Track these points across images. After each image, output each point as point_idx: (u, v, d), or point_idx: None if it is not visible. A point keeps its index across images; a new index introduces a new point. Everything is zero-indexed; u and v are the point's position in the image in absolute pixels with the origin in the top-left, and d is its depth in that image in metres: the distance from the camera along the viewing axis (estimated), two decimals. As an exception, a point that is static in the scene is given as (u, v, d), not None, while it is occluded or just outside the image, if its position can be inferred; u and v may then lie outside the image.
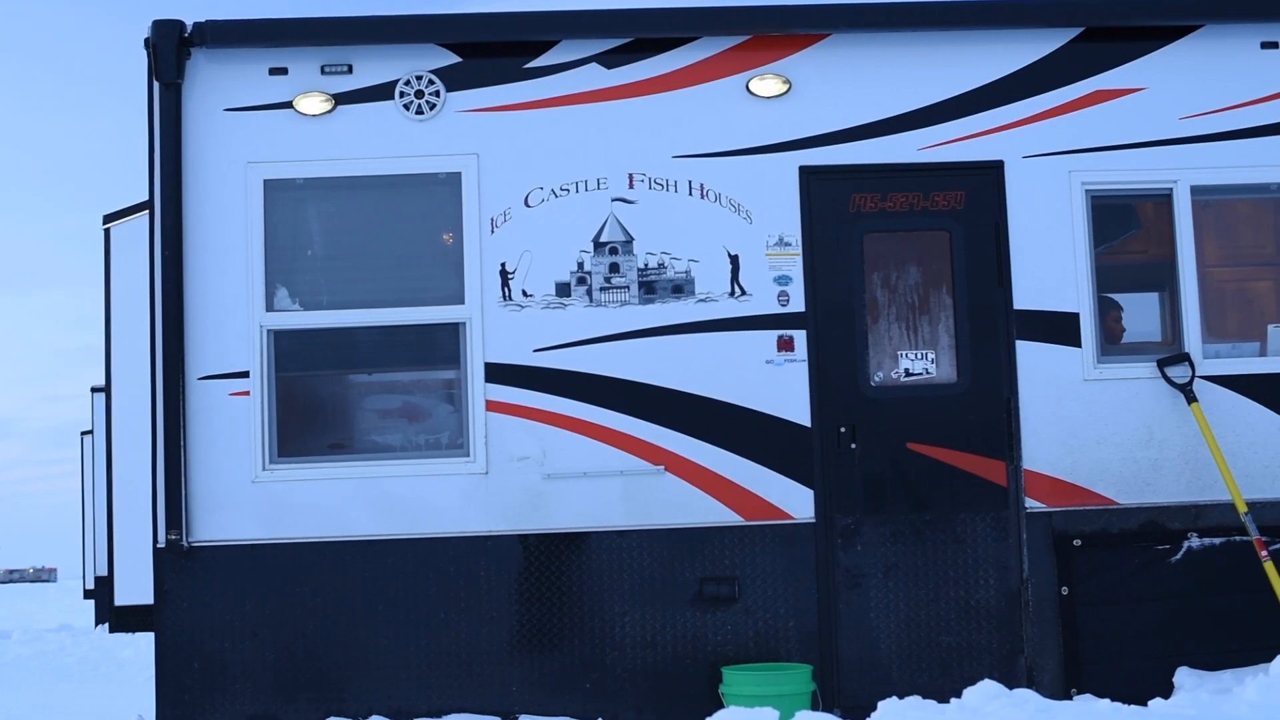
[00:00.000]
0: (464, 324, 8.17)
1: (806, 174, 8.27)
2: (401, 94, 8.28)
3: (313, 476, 8.10)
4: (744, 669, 7.92)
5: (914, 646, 8.14)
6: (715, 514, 8.09)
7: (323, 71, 8.32)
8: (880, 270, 8.30)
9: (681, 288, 8.19)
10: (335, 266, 8.47)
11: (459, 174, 8.23)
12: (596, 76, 8.34)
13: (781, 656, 8.08)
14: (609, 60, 8.34)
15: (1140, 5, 8.52)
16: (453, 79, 8.30)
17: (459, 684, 8.01)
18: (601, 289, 8.17)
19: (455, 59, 8.32)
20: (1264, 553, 7.97)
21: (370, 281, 8.39)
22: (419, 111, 8.27)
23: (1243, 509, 8.02)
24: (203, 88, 8.26)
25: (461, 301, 8.17)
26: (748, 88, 8.33)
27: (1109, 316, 8.52)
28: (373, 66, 8.31)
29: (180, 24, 8.14)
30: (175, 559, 8.00)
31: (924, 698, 7.22)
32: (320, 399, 8.49)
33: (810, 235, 8.25)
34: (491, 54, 8.33)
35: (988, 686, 7.02)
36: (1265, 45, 8.54)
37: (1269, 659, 7.13)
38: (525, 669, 8.04)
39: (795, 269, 8.22)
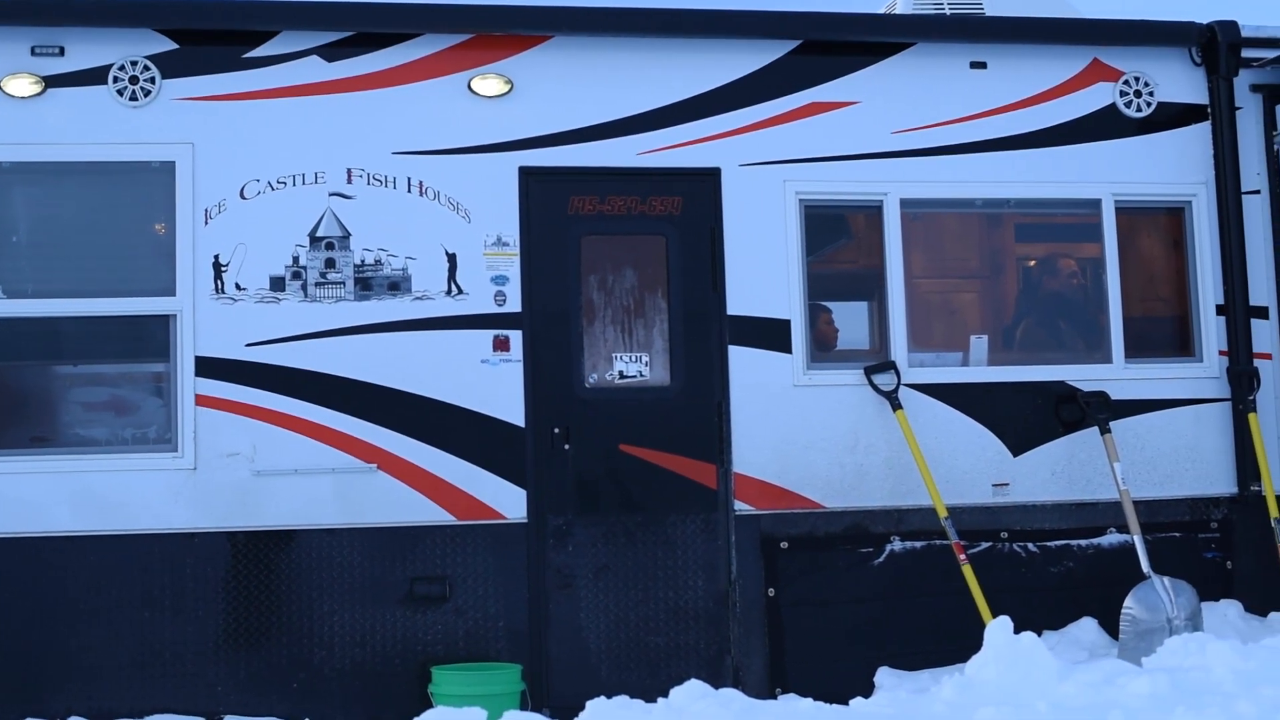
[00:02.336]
0: (175, 316, 8.77)
1: (526, 174, 9.14)
2: (115, 79, 8.87)
3: (13, 470, 8.57)
4: (453, 669, 8.65)
5: (623, 646, 9.04)
6: (427, 513, 8.86)
7: (33, 52, 8.82)
8: (597, 272, 9.21)
9: (398, 285, 9.00)
10: (42, 254, 8.93)
11: (173, 163, 8.84)
12: (317, 69, 9.06)
13: (492, 656, 8.87)
14: (330, 53, 9.07)
15: (855, 21, 9.62)
16: (169, 66, 8.92)
17: (163, 684, 8.58)
18: (317, 284, 8.89)
19: (172, 45, 8.93)
20: (963, 556, 9.08)
21: (78, 270, 8.90)
22: (133, 98, 8.89)
23: (943, 514, 9.11)
24: (-96, 65, 8.73)
25: (173, 293, 8.77)
26: (469, 87, 9.18)
27: (821, 321, 9.62)
28: (86, 49, 8.85)
29: (-123, -3, 8.57)
30: None
31: (632, 697, 7.83)
32: (23, 390, 8.96)
33: (528, 236, 9.11)
34: (210, 42, 8.96)
35: (694, 686, 7.80)
36: (974, 65, 9.74)
37: (965, 659, 7.84)
38: (231, 669, 8.65)
39: (513, 269, 9.08)
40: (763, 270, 9.35)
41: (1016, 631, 7.67)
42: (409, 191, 9.08)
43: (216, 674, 8.70)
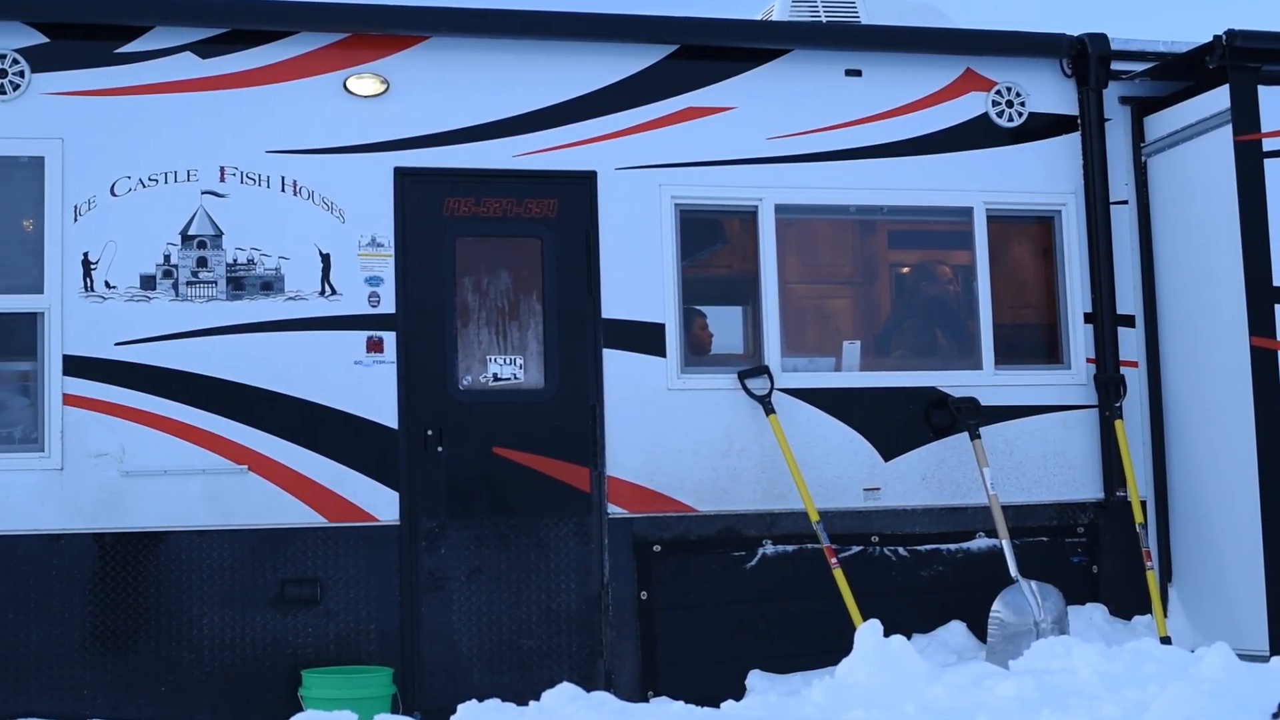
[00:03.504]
0: (42, 314, 9.00)
1: (401, 175, 9.51)
2: (-17, 73, 9.08)
3: None
4: (324, 672, 8.95)
5: (496, 649, 9.41)
6: (299, 515, 9.17)
7: (-101, 45, 9.00)
8: (472, 274, 9.59)
9: (271, 285, 9.32)
10: (-95, 249, 9.08)
11: (42, 158, 9.08)
12: (191, 66, 9.35)
13: (363, 659, 9.20)
14: (204, 50, 9.37)
15: (732, 27, 10.09)
16: (39, 59, 9.16)
17: (28, 687, 8.80)
18: (188, 283, 9.18)
19: (43, 39, 9.18)
20: (834, 560, 9.56)
21: (-58, 266, 9.06)
22: (1, 91, 9.13)
23: (815, 518, 9.59)
24: None
25: (40, 291, 9.00)
26: (345, 86, 9.52)
27: (695, 326, 10.07)
28: (-48, 42, 9.04)
29: None
30: None
31: (504, 700, 8.17)
32: (-116, 388, 9.11)
33: (403, 237, 9.47)
34: (82, 36, 9.21)
35: (566, 689, 8.12)
36: (849, 73, 10.26)
37: (836, 662, 8.27)
38: (99, 672, 8.88)
39: (387, 270, 9.44)
40: (638, 274, 9.80)
41: (886, 634, 8.12)
42: (283, 191, 9.41)
43: (84, 677, 8.92)
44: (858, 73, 10.31)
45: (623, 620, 9.61)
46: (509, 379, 9.63)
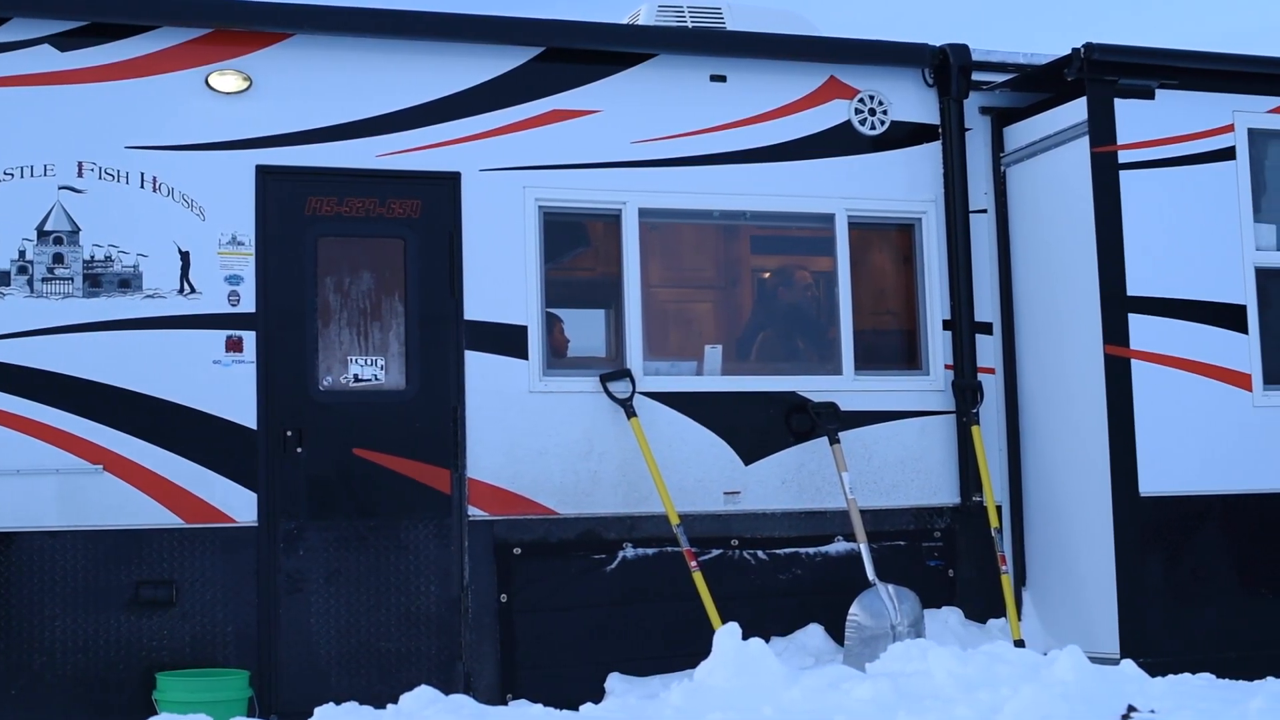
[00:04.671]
0: None
1: (263, 173, 9.55)
2: None
3: None
4: (179, 675, 8.96)
5: (354, 652, 9.48)
6: (155, 516, 9.17)
7: None
8: (334, 274, 9.65)
9: (129, 282, 9.31)
10: None
11: None
12: (49, 59, 9.33)
13: (219, 662, 9.22)
14: (63, 43, 9.34)
15: (598, 30, 10.25)
16: None
17: None
18: (44, 280, 9.16)
19: None
20: (694, 563, 9.74)
21: None
22: None
23: (675, 521, 9.76)
24: None
25: None
26: (208, 82, 9.55)
27: (555, 330, 10.21)
28: None
29: None
30: None
31: (363, 703, 8.39)
32: None
33: (264, 236, 9.51)
34: None
35: (424, 692, 8.28)
36: (714, 78, 10.47)
37: (695, 665, 8.46)
38: None
39: (248, 269, 9.47)
40: (501, 276, 9.92)
41: (745, 637, 8.33)
42: (142, 187, 9.42)
43: (-71, 681, 8.83)
44: (723, 78, 10.50)
45: (482, 623, 9.71)
46: (370, 380, 9.70)
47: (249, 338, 9.48)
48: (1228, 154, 10.48)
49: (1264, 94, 10.62)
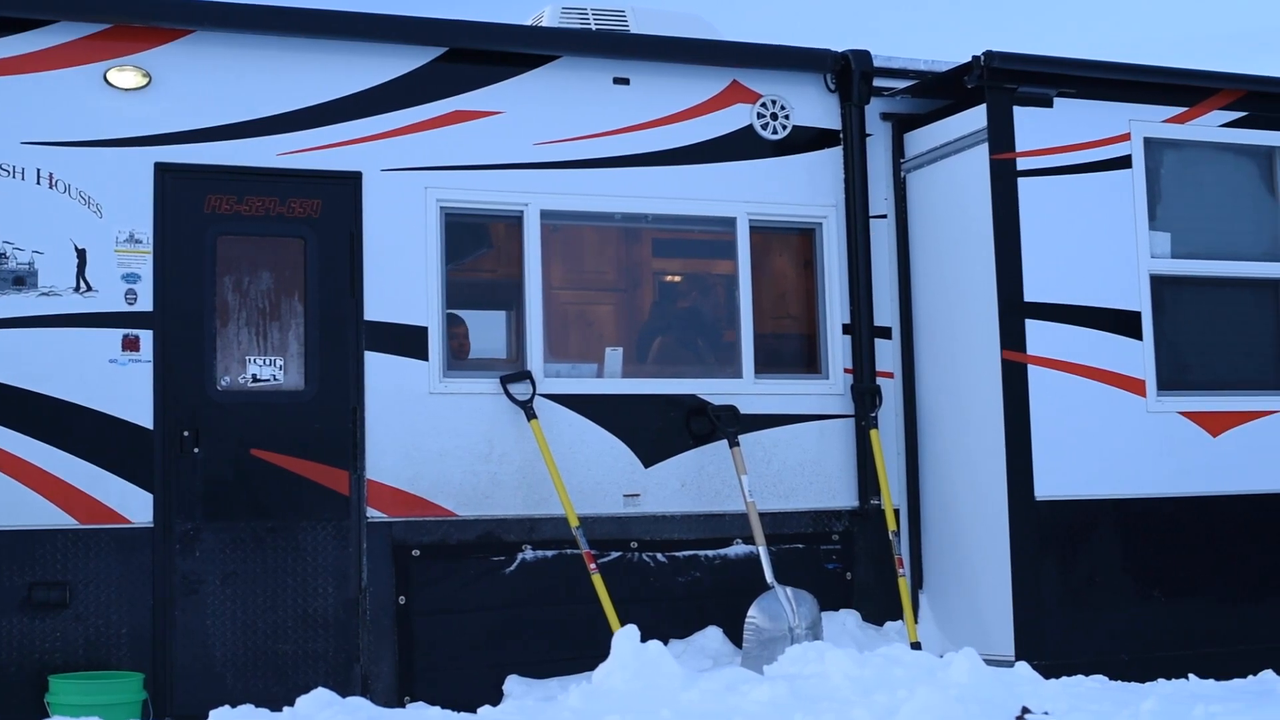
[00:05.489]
0: None
1: (162, 171, 9.53)
2: None
3: None
4: (71, 677, 8.93)
5: (251, 654, 9.49)
6: (48, 516, 9.14)
7: None
8: (233, 273, 9.65)
9: (24, 279, 9.25)
10: None
11: None
12: None
13: (113, 664, 9.19)
14: None
15: (501, 31, 10.31)
16: None
17: None
18: None
19: None
20: (593, 565, 9.82)
21: None
22: None
23: (575, 523, 9.84)
24: None
25: None
26: (106, 78, 9.52)
27: (455, 333, 10.25)
28: None
29: None
30: None
31: (259, 706, 8.44)
32: None
33: (162, 234, 9.49)
34: None
35: (321, 694, 8.31)
36: (617, 80, 10.56)
37: (594, 667, 8.60)
38: None
39: (145, 267, 9.45)
40: (402, 276, 9.96)
41: (644, 640, 8.43)
42: (38, 183, 9.37)
43: None
44: (626, 81, 10.59)
45: (380, 625, 9.75)
46: (268, 380, 9.70)
47: (146, 337, 9.46)
48: (1124, 162, 10.68)
49: (1160, 104, 10.84)
